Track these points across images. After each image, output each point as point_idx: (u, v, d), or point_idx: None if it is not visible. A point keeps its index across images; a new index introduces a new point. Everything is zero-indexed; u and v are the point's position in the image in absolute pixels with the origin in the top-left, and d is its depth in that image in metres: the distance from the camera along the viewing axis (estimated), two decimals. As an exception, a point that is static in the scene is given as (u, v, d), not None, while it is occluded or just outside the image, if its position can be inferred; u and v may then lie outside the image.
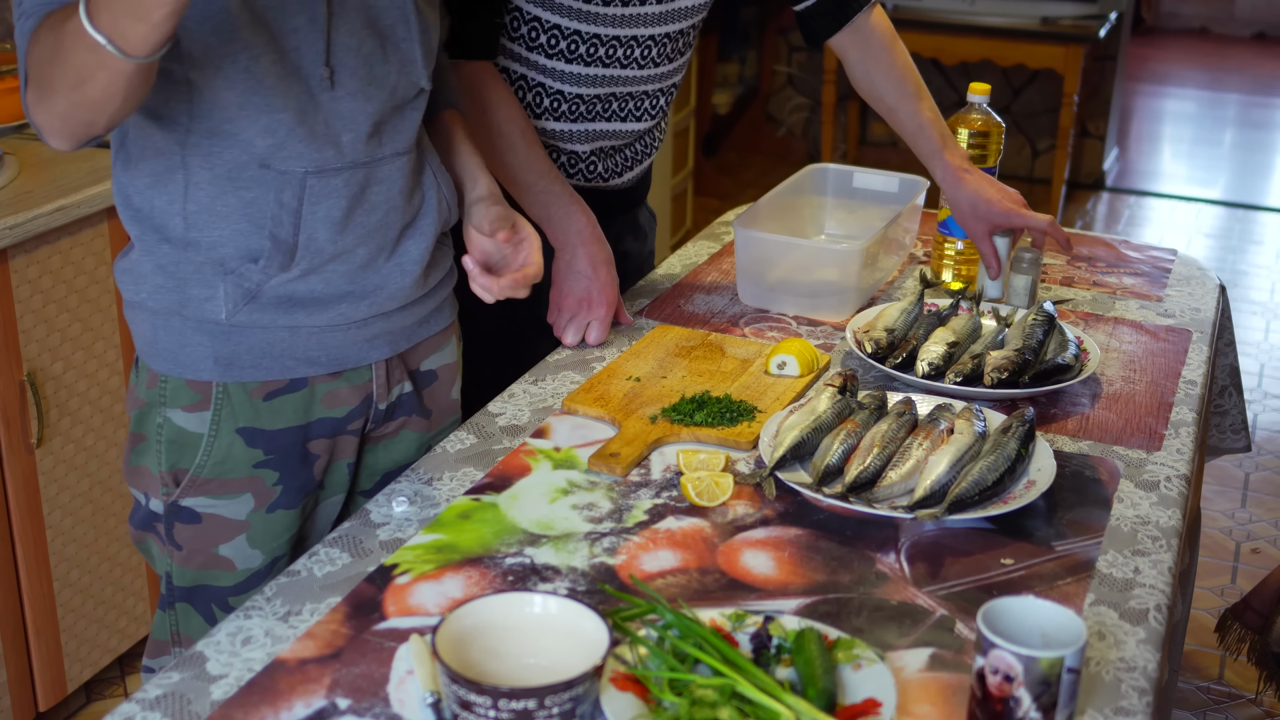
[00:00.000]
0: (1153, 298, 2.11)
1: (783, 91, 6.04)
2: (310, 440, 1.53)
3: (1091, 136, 5.64)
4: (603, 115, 1.99)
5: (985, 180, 2.01)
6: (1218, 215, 5.58)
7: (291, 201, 1.42)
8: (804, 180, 2.28)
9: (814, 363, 1.81)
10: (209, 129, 1.39)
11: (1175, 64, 8.25)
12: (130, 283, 1.47)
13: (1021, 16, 5.08)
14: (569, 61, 1.92)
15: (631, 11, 1.91)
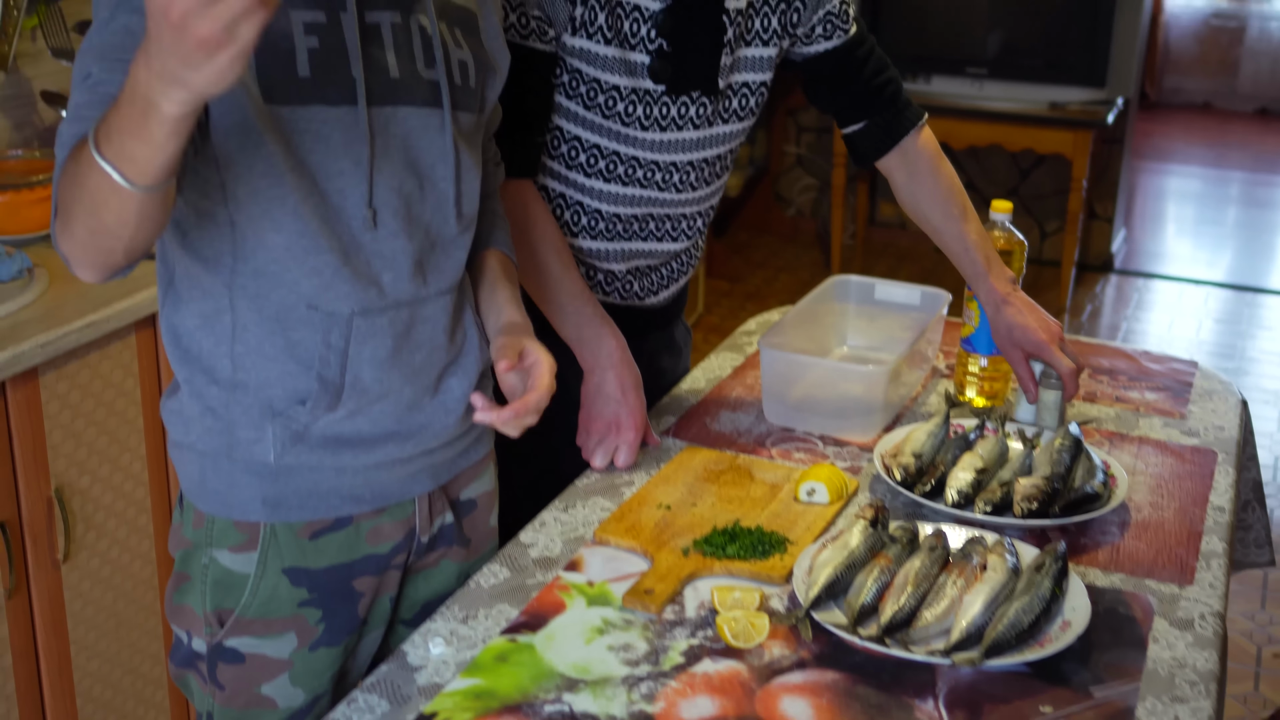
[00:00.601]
0: (1176, 414, 2.12)
1: (792, 172, 6.09)
2: (355, 578, 1.54)
3: (1099, 219, 5.67)
4: (639, 235, 2.02)
5: (1027, 307, 2.02)
6: (1226, 299, 5.60)
7: (338, 342, 1.43)
8: (826, 291, 2.30)
9: (843, 489, 1.81)
10: (255, 270, 1.41)
11: (1179, 140, 8.31)
12: (179, 424, 1.48)
13: (1030, 102, 5.13)
14: (607, 181, 1.95)
15: (670, 137, 1.94)
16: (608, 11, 1.84)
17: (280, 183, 1.36)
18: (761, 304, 5.30)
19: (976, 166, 5.73)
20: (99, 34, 1.31)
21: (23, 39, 2.71)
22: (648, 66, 1.88)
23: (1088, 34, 5.07)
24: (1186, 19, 8.95)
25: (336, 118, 1.38)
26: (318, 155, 1.38)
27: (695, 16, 1.89)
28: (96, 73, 1.29)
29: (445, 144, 1.48)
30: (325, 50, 1.37)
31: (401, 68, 1.43)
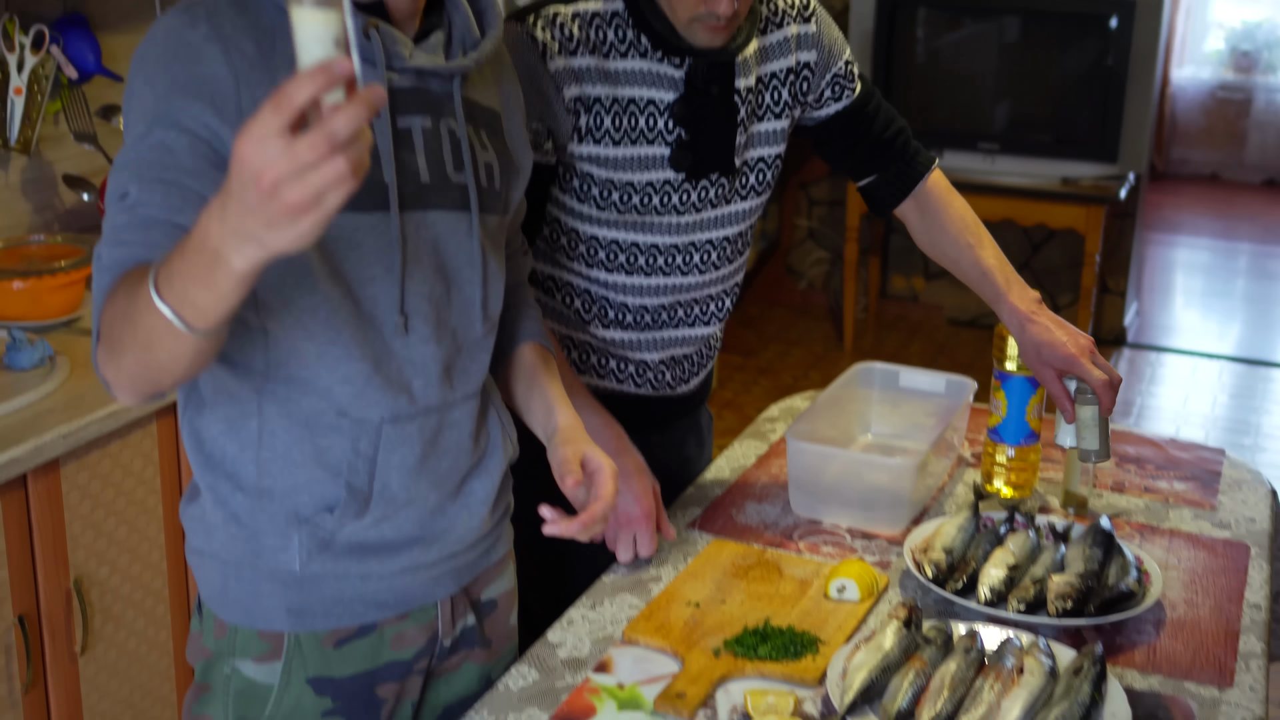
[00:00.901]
0: (1206, 505, 2.10)
1: (803, 245, 6.10)
2: (378, 685, 1.52)
3: (1112, 293, 5.67)
4: (669, 323, 2.02)
5: (1053, 323, 1.98)
6: (1238, 373, 5.59)
7: (368, 449, 1.42)
8: (851, 378, 2.29)
9: (873, 586, 1.79)
10: (286, 376, 1.40)
11: (1187, 211, 8.33)
12: (200, 532, 1.46)
13: (1041, 177, 5.14)
14: (630, 273, 1.94)
15: (689, 220, 1.94)
16: (614, 115, 1.85)
17: (313, 291, 1.35)
18: (774, 379, 5.29)
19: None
20: (134, 149, 1.31)
21: (45, 122, 2.72)
22: (668, 158, 1.89)
23: (1099, 109, 5.09)
24: (1193, 91, 9.00)
25: (369, 224, 1.37)
26: (351, 262, 1.37)
27: (708, 102, 1.90)
28: (135, 193, 1.28)
29: (473, 247, 1.48)
30: None
31: (431, 172, 1.43)
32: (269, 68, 1.32)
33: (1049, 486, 2.14)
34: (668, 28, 1.84)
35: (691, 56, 1.87)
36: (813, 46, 2.02)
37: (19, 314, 2.39)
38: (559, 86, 1.81)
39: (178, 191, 1.28)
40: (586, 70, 1.83)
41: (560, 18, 1.82)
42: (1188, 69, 8.99)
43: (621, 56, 1.85)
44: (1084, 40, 5.15)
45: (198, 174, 1.29)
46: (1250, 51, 8.88)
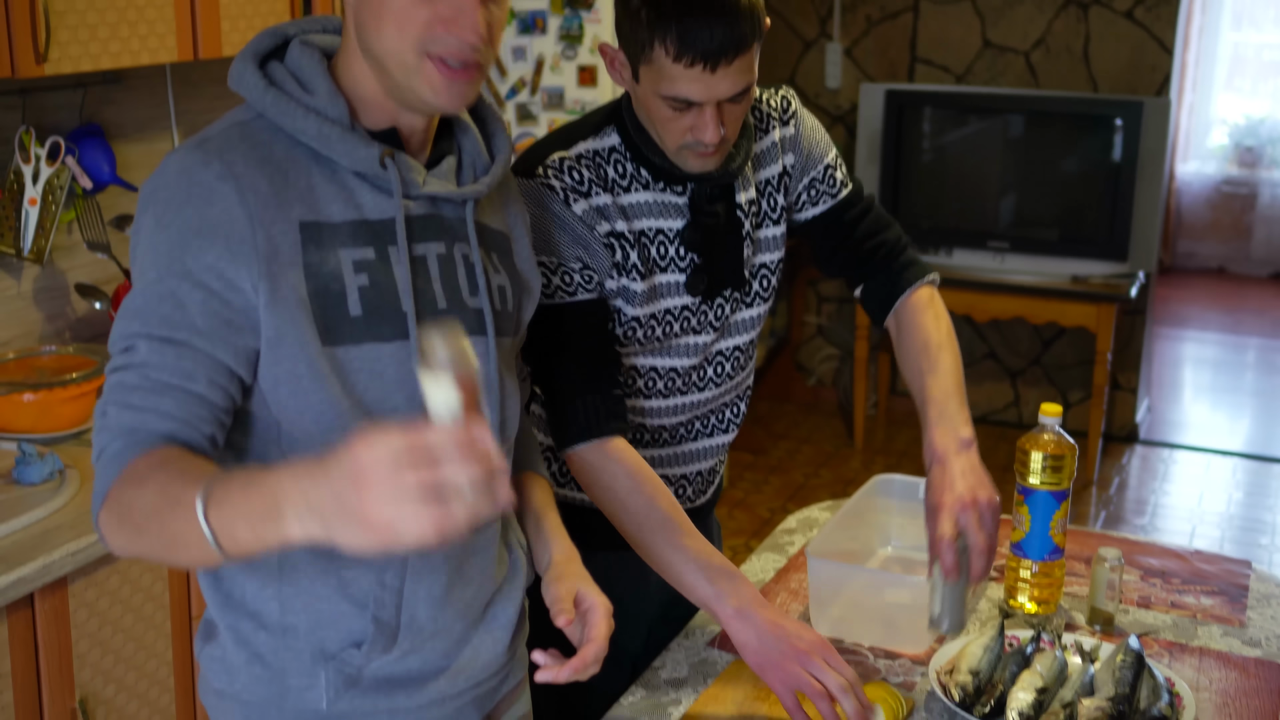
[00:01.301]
0: (1235, 621, 2.06)
1: (813, 341, 6.09)
2: None
3: (1123, 389, 5.65)
4: (688, 437, 2.01)
5: (961, 471, 1.82)
6: (1251, 469, 5.54)
7: (394, 581, 1.40)
8: (870, 490, 2.26)
9: (899, 710, 1.75)
10: None
11: (1195, 305, 8.33)
12: (221, 674, 1.43)
13: (1051, 275, 5.14)
14: (648, 397, 1.94)
15: (704, 339, 1.93)
16: (637, 249, 1.84)
17: (336, 424, 1.33)
18: (785, 477, 5.25)
19: (999, 337, 5.73)
20: (144, 296, 1.29)
21: (59, 231, 2.72)
22: (684, 284, 1.88)
23: (1107, 208, 5.10)
24: (1198, 186, 9.04)
25: (390, 353, 1.36)
26: (374, 393, 1.36)
27: (715, 223, 1.89)
28: (144, 352, 1.27)
29: (490, 371, 1.47)
30: (375, 287, 1.36)
31: (448, 298, 1.43)
32: (282, 204, 1.32)
33: (1074, 602, 2.10)
34: (662, 157, 1.84)
35: (691, 182, 1.86)
36: (791, 150, 2.01)
37: (29, 427, 2.37)
38: (590, 226, 1.81)
39: (189, 355, 1.28)
40: (606, 208, 1.82)
41: (566, 162, 1.82)
42: (1192, 164, 9.03)
43: (626, 191, 1.85)
44: (1090, 139, 5.18)
45: (210, 335, 1.28)
46: (1254, 147, 8.93)
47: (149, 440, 1.25)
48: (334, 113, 1.36)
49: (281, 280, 1.30)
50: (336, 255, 1.34)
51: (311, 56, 1.39)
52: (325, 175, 1.35)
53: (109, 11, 2.38)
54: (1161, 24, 5.29)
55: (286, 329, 1.30)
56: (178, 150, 1.34)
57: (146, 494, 1.19)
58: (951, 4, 5.57)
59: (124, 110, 2.88)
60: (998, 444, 5.57)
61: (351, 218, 1.36)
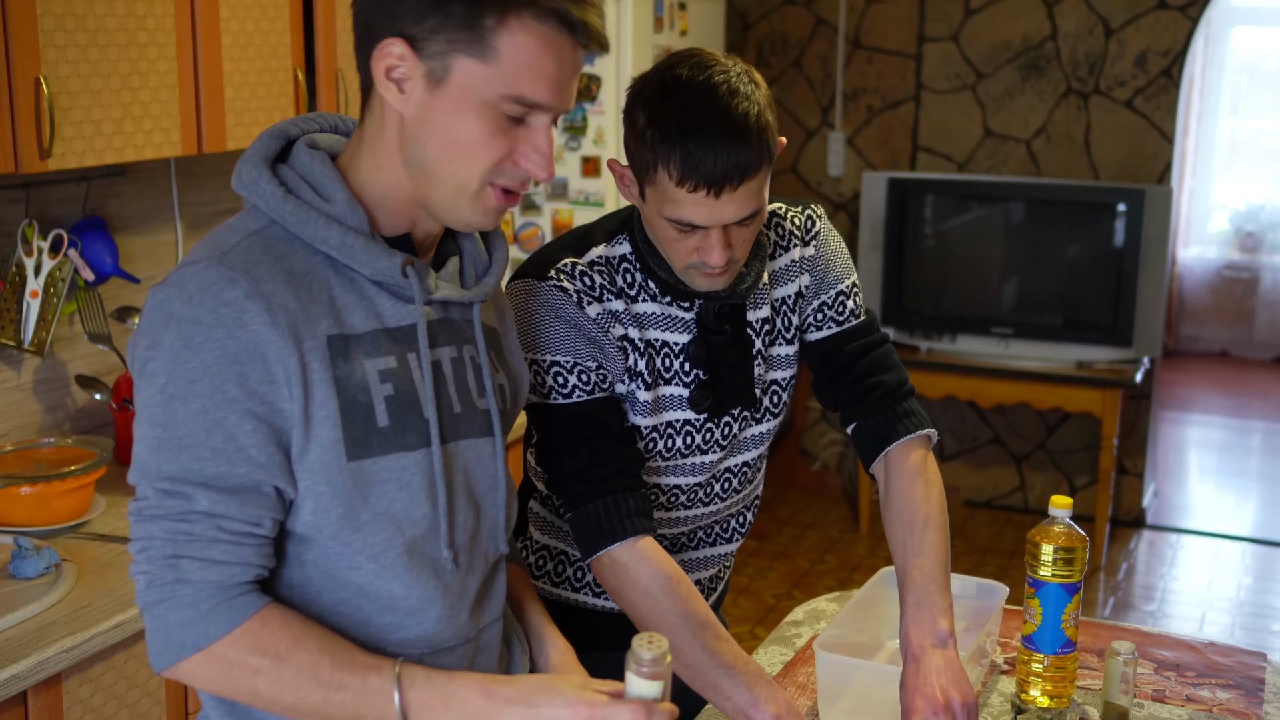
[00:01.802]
0: (1252, 717, 2.01)
1: (816, 427, 6.07)
2: None
3: (1129, 474, 5.61)
4: (689, 545, 1.97)
5: (937, 669, 1.76)
6: (1260, 554, 5.49)
7: None
8: (878, 581, 2.22)
9: None
10: (320, 612, 1.37)
11: (1199, 389, 8.31)
12: None
13: (1056, 361, 5.13)
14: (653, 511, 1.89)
15: (712, 458, 1.90)
16: (646, 357, 1.82)
17: (361, 531, 1.33)
18: (790, 563, 5.21)
19: (1003, 422, 5.71)
20: (186, 426, 1.27)
21: (60, 323, 2.71)
22: (687, 399, 1.85)
23: (1111, 294, 5.10)
24: (1200, 270, 9.06)
25: (414, 462, 1.36)
26: (401, 503, 1.35)
27: (723, 341, 1.86)
28: (208, 503, 1.27)
29: (497, 470, 1.47)
30: (399, 396, 1.35)
31: (461, 401, 1.43)
32: (309, 319, 1.30)
33: (1088, 695, 2.06)
34: (670, 273, 1.81)
35: (700, 299, 1.83)
36: (808, 270, 1.96)
37: (25, 520, 2.35)
38: (605, 329, 1.78)
39: (253, 500, 1.28)
40: (619, 314, 1.80)
41: (579, 267, 1.79)
42: (1194, 249, 9.06)
43: (635, 300, 1.82)
44: (1093, 226, 5.19)
45: (267, 466, 1.28)
46: (1255, 232, 8.97)
47: (241, 592, 1.29)
48: (354, 221, 1.34)
49: (314, 398, 1.29)
50: (362, 366, 1.33)
51: (324, 162, 1.36)
52: (345, 285, 1.34)
53: (114, 107, 2.39)
54: (1161, 113, 5.33)
55: (314, 447, 1.30)
56: (195, 265, 1.29)
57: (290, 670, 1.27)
58: (953, 93, 5.61)
59: (126, 202, 2.89)
60: (1003, 529, 5.52)
61: (373, 327, 1.35)
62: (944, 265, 5.45)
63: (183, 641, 1.26)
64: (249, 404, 1.26)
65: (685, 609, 1.72)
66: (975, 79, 5.57)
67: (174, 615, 1.26)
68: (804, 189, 5.90)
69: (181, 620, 1.26)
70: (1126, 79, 5.35)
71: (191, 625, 1.26)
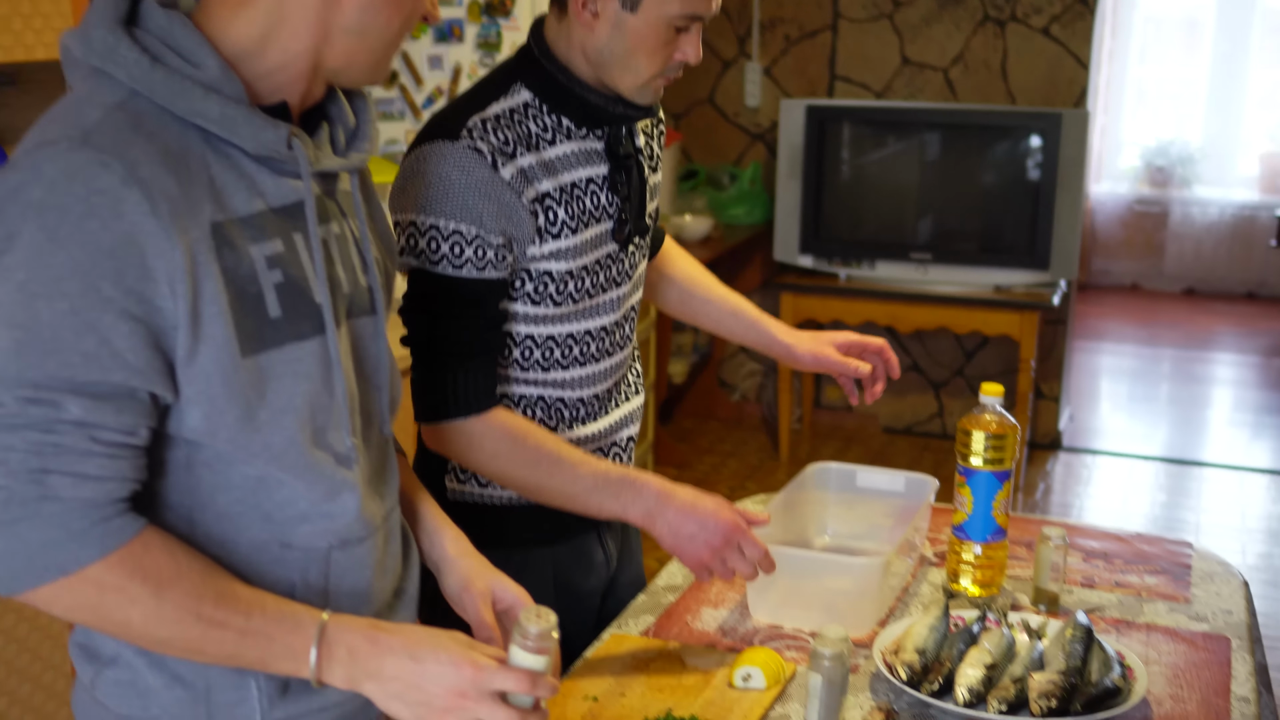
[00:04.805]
0: (1180, 599, 2.02)
1: (735, 358, 6.05)
2: None
3: (1046, 398, 5.67)
4: (611, 405, 1.98)
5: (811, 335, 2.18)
6: (1172, 473, 5.59)
7: (318, 581, 1.32)
8: (807, 479, 2.21)
9: (780, 673, 1.73)
10: (218, 514, 1.28)
11: (1112, 320, 8.42)
12: (131, 699, 1.30)
13: (974, 285, 5.15)
14: (564, 368, 1.89)
15: (623, 291, 1.93)
16: (565, 205, 1.81)
17: (258, 425, 1.24)
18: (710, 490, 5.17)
19: (922, 349, 5.73)
20: (52, 329, 1.13)
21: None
22: (610, 231, 1.88)
23: (1028, 218, 5.12)
24: (1111, 205, 9.16)
25: (310, 351, 1.27)
26: (300, 396, 1.27)
27: (630, 165, 1.91)
28: (80, 410, 1.15)
29: (381, 348, 1.40)
30: (289, 282, 1.26)
31: (348, 280, 1.35)
32: (192, 205, 1.18)
33: (1017, 584, 2.06)
34: (581, 102, 1.83)
35: (609, 124, 1.87)
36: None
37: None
38: (518, 192, 1.76)
39: (129, 407, 1.17)
40: (531, 168, 1.78)
41: (487, 123, 1.77)
42: (1105, 184, 9.16)
43: (550, 144, 1.82)
44: (1010, 151, 5.20)
45: (145, 371, 1.17)
46: (1164, 167, 9.08)
47: (117, 512, 1.18)
48: (231, 90, 1.22)
49: (203, 294, 1.18)
50: (249, 254, 1.22)
51: (186, 24, 1.21)
52: (223, 163, 1.22)
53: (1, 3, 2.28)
54: (1077, 40, 5.34)
55: (204, 347, 1.19)
56: (54, 146, 1.14)
57: (171, 603, 1.20)
58: (870, 22, 5.58)
59: (18, 114, 2.76)
60: (921, 455, 5.56)
61: (257, 209, 1.24)
62: (862, 192, 5.44)
63: (46, 564, 1.15)
64: (125, 303, 1.14)
65: (536, 456, 1.78)
66: (893, 7, 5.54)
67: (36, 535, 1.14)
68: (721, 120, 5.85)
69: (46, 541, 1.15)
70: (1043, 6, 5.35)
71: (59, 547, 1.15)
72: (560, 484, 1.79)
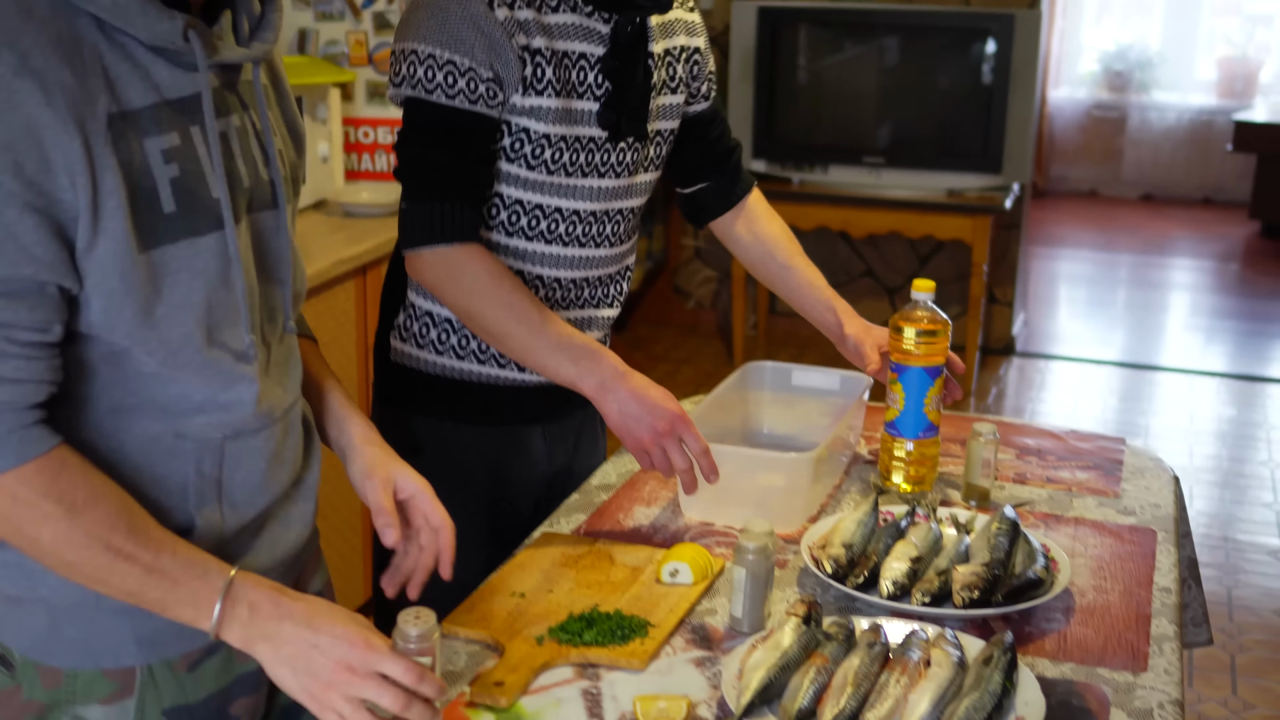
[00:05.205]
0: (1109, 493, 2.03)
1: (690, 264, 6.03)
2: (232, 703, 1.40)
3: (999, 303, 5.68)
4: (576, 302, 1.99)
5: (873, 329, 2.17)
6: (1125, 377, 5.62)
7: (212, 471, 1.31)
8: (742, 378, 2.20)
9: (708, 569, 1.72)
10: (110, 408, 1.26)
11: (1068, 226, 8.43)
12: (18, 578, 1.28)
13: (928, 189, 5.14)
14: (548, 242, 1.91)
15: (606, 184, 1.93)
16: (553, 66, 1.84)
17: (155, 316, 1.23)
18: (665, 399, 5.20)
19: (875, 254, 5.72)
20: None
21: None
22: (596, 114, 1.88)
23: (981, 121, 5.10)
24: (1070, 110, 9.14)
25: (207, 248, 1.25)
26: (197, 293, 1.25)
27: (632, 59, 1.91)
28: None
29: (283, 242, 1.38)
30: (185, 176, 1.23)
31: (249, 173, 1.32)
32: (87, 95, 1.15)
33: (950, 481, 2.06)
34: None
35: (617, 12, 1.87)
36: (698, 35, 2.07)
37: None
38: (509, 34, 1.80)
39: (41, 303, 1.15)
40: (527, 23, 1.81)
41: None
42: (1064, 89, 9.13)
43: (553, 10, 1.85)
44: (964, 53, 5.16)
45: (53, 265, 1.15)
46: (1123, 71, 9.05)
47: (34, 420, 1.17)
48: None
49: (102, 186, 1.16)
50: (143, 147, 1.20)
51: None
52: (117, 53, 1.18)
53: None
54: (1032, -63, 5.29)
55: (102, 240, 1.17)
56: None
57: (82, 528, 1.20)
58: (823, -82, 5.50)
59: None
60: (877, 361, 5.57)
61: (152, 101, 1.21)
62: (815, 96, 5.40)
63: None
64: (27, 196, 1.11)
65: (510, 300, 1.80)
66: (847, -96, 5.46)
67: None
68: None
69: None
70: (998, -97, 5.29)
71: None
72: (525, 334, 1.80)
